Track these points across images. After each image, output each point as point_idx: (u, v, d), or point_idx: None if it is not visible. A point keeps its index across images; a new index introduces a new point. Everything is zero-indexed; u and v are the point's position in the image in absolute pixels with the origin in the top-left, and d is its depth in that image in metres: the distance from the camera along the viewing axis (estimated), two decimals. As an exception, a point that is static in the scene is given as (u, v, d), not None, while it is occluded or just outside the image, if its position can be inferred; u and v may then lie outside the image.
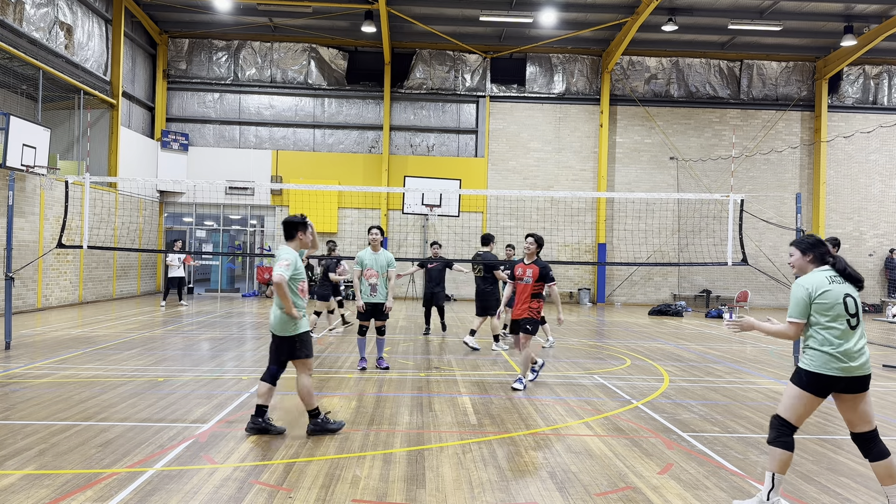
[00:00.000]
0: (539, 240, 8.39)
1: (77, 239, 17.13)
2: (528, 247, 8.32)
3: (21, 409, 6.63)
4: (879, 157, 24.87)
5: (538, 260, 8.33)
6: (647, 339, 13.86)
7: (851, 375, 4.15)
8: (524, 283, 8.25)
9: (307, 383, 5.94)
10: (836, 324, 4.16)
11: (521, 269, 8.34)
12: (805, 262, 4.39)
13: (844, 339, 4.15)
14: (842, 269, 4.30)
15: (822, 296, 4.18)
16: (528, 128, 24.61)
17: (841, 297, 4.19)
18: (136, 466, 4.97)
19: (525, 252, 8.40)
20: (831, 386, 4.18)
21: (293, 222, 6.05)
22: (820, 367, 4.15)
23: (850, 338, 4.16)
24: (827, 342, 4.15)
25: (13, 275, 10.59)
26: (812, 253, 4.37)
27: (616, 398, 7.80)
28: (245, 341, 12.05)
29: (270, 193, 23.72)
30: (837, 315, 4.16)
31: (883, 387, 8.99)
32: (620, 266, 24.69)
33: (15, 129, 14.30)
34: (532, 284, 8.17)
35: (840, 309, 4.17)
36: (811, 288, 4.21)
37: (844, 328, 4.16)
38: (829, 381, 4.16)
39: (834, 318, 4.16)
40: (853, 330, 4.18)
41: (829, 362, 4.14)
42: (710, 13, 21.79)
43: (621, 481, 4.93)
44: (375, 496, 4.53)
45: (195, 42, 24.14)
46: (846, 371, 4.13)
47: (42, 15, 16.93)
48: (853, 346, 4.16)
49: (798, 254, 4.42)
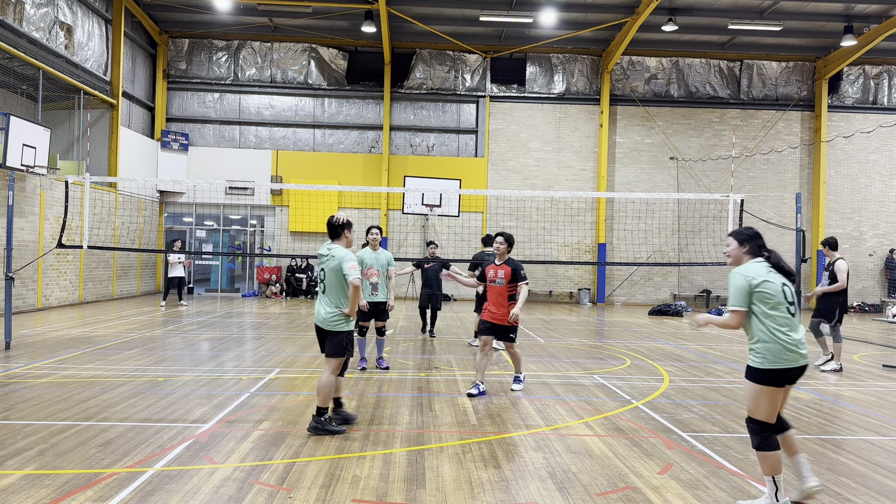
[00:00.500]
0: (509, 238, 7.94)
1: (77, 239, 17.13)
2: (498, 246, 7.87)
3: (21, 409, 6.64)
4: (879, 157, 24.87)
5: (510, 260, 7.91)
6: (647, 339, 13.86)
7: (800, 365, 4.27)
8: (497, 285, 7.81)
9: (330, 381, 6.00)
10: (778, 312, 4.27)
11: (493, 270, 7.89)
12: (741, 252, 4.50)
13: (789, 326, 4.26)
14: (776, 263, 4.42)
15: (762, 285, 4.28)
16: (528, 128, 24.61)
17: (780, 286, 4.31)
18: (136, 466, 4.97)
19: (496, 252, 7.94)
20: (787, 376, 4.27)
21: (339, 223, 6.23)
22: (774, 363, 4.23)
23: (794, 325, 4.29)
24: (777, 330, 4.23)
25: (13, 275, 10.59)
26: (749, 245, 4.49)
27: (616, 398, 7.80)
28: (245, 341, 12.05)
29: (270, 193, 23.73)
30: (778, 303, 4.27)
31: (883, 387, 8.99)
32: (620, 266, 24.69)
33: (15, 129, 14.30)
34: (507, 286, 7.77)
35: (780, 297, 4.28)
36: (750, 276, 4.31)
37: (786, 315, 4.27)
38: (785, 373, 4.26)
39: (775, 305, 4.27)
40: (793, 317, 4.30)
41: (782, 353, 4.23)
42: (710, 13, 21.79)
43: (621, 481, 4.93)
44: (375, 496, 4.53)
45: (195, 42, 24.15)
46: (797, 360, 4.25)
47: (42, 15, 16.93)
48: (798, 335, 4.29)
49: (735, 244, 4.54)
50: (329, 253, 6.12)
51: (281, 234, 23.88)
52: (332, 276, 6.05)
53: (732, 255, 4.55)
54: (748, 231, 4.57)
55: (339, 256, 6.02)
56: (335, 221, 6.23)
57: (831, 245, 10.28)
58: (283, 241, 23.87)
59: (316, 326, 6.19)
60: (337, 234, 6.23)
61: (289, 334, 13.06)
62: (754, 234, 4.54)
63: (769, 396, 4.28)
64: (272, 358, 10.10)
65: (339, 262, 6.00)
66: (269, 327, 14.22)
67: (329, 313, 6.04)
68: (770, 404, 4.28)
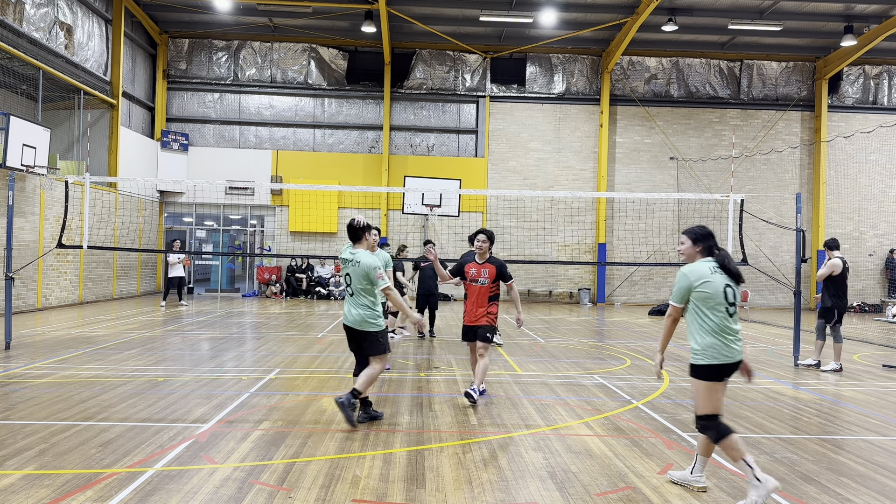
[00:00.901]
0: (491, 236, 7.52)
1: (77, 239, 17.13)
2: (481, 245, 7.46)
3: (21, 409, 6.64)
4: (879, 157, 24.87)
5: (492, 258, 7.52)
6: (647, 339, 13.87)
7: (735, 361, 4.51)
8: (480, 284, 7.42)
9: (376, 372, 6.33)
10: (716, 311, 4.49)
11: (475, 269, 7.46)
12: (694, 251, 4.71)
13: (727, 325, 4.49)
14: (722, 263, 4.60)
15: (703, 285, 4.51)
16: (528, 128, 24.61)
17: (721, 287, 4.51)
18: (136, 466, 4.97)
19: (477, 251, 7.51)
20: (726, 371, 4.51)
21: (361, 227, 6.44)
22: (712, 359, 4.47)
23: (731, 325, 4.51)
24: (715, 328, 4.48)
25: (13, 275, 10.60)
26: (702, 244, 4.69)
27: (616, 398, 7.80)
28: (245, 341, 12.05)
29: (270, 193, 23.73)
30: (718, 303, 4.50)
31: (883, 387, 8.99)
32: (620, 266, 24.69)
33: (15, 129, 14.30)
34: (489, 286, 7.41)
35: (720, 298, 4.50)
36: (693, 277, 4.55)
37: (724, 315, 4.50)
38: (723, 368, 4.50)
39: (714, 305, 4.50)
40: (731, 318, 4.52)
41: (720, 350, 4.47)
42: (710, 13, 21.79)
43: (621, 481, 4.93)
44: (375, 496, 4.53)
45: (195, 42, 24.15)
46: (733, 357, 4.49)
47: (42, 15, 16.93)
48: (734, 333, 4.52)
49: (689, 242, 4.73)
50: (353, 258, 6.32)
51: (281, 234, 23.89)
52: (359, 280, 6.27)
53: (686, 254, 4.74)
54: (702, 230, 4.73)
55: (365, 263, 6.24)
56: (356, 224, 6.42)
57: (829, 245, 10.37)
58: (283, 241, 23.88)
59: (347, 327, 6.41)
60: (358, 238, 6.43)
61: (289, 334, 13.06)
62: (707, 233, 4.71)
63: (714, 392, 4.52)
64: (272, 358, 10.10)
65: (364, 269, 6.23)
66: (269, 327, 14.22)
67: (360, 315, 6.28)
68: (714, 398, 4.52)
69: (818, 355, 10.33)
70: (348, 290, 6.36)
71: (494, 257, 7.56)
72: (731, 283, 4.55)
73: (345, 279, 6.41)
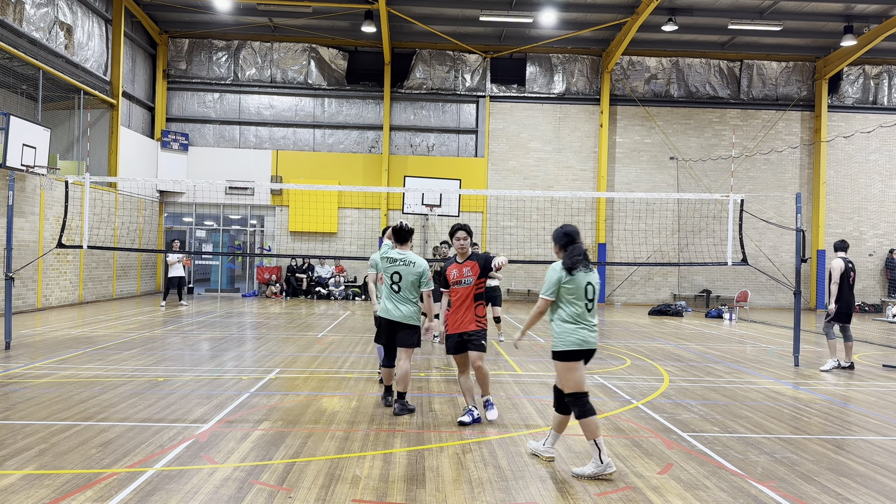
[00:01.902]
0: (469, 230, 6.81)
1: (77, 239, 17.13)
2: (462, 243, 6.69)
3: (21, 409, 6.64)
4: (879, 157, 24.87)
5: (474, 254, 6.72)
6: (647, 339, 13.86)
7: (590, 348, 5.14)
8: (464, 286, 6.59)
9: (408, 368, 6.82)
10: (577, 303, 5.14)
11: (457, 270, 6.64)
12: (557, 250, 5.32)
13: (583, 317, 5.14)
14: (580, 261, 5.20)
15: (570, 280, 5.14)
16: (528, 128, 24.61)
17: (584, 284, 5.16)
18: (136, 466, 4.97)
19: (458, 250, 6.75)
20: (582, 355, 5.12)
21: (408, 230, 7.03)
22: (569, 345, 5.09)
23: (588, 316, 5.15)
24: (573, 315, 5.13)
25: (13, 275, 10.59)
26: (557, 244, 5.30)
27: (616, 398, 7.80)
28: (245, 341, 12.04)
29: (270, 193, 23.72)
30: (578, 297, 5.14)
31: (883, 387, 8.99)
32: (620, 266, 24.69)
33: (15, 129, 14.29)
34: (474, 284, 6.61)
35: (581, 293, 5.15)
36: (562, 273, 5.15)
37: (583, 309, 5.15)
38: (579, 353, 5.11)
39: (574, 300, 5.14)
40: (589, 312, 5.18)
41: (575, 333, 5.09)
42: (710, 13, 21.79)
43: (621, 481, 4.93)
44: (375, 496, 4.53)
45: (195, 42, 24.14)
46: (587, 344, 5.12)
47: (42, 15, 16.93)
48: (590, 323, 5.17)
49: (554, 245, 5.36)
50: (404, 258, 6.82)
51: (281, 234, 23.88)
52: (409, 280, 6.79)
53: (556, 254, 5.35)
54: (557, 232, 5.33)
55: (419, 265, 6.81)
56: (405, 228, 7.00)
57: (834, 247, 10.38)
58: (283, 241, 23.87)
59: (386, 320, 6.83)
60: (405, 240, 6.98)
61: (289, 334, 13.06)
62: (562, 234, 5.28)
63: (575, 371, 5.10)
64: (272, 358, 10.10)
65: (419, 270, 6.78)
66: (269, 327, 14.22)
67: (408, 311, 6.77)
68: (576, 377, 5.11)
69: (834, 354, 10.25)
70: (393, 287, 6.80)
71: (476, 253, 6.79)
72: (592, 282, 5.18)
73: (393, 277, 6.83)
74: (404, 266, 6.79)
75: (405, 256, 6.83)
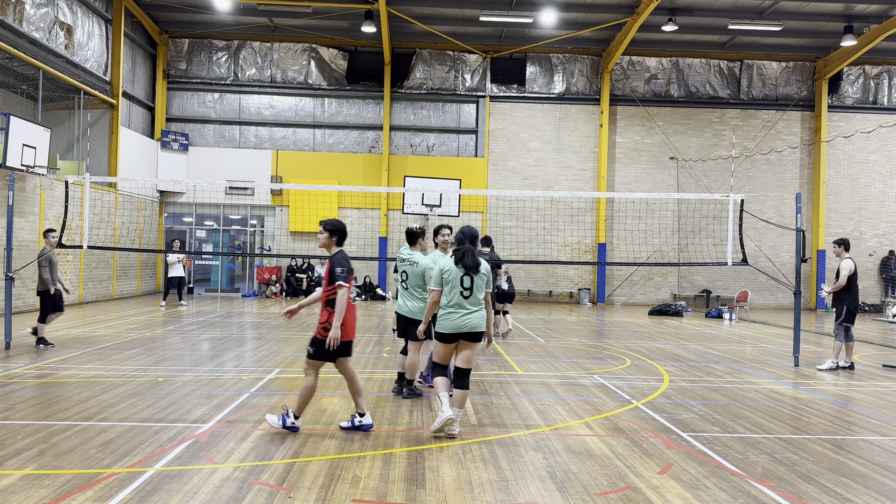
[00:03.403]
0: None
1: (77, 239, 17.12)
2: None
3: (21, 409, 6.63)
4: (879, 157, 24.87)
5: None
6: (647, 339, 13.86)
7: (463, 332, 5.93)
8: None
9: (416, 359, 7.44)
10: (454, 293, 5.94)
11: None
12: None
13: (459, 304, 5.93)
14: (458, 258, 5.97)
15: (447, 272, 6.01)
16: (528, 128, 24.61)
17: (459, 275, 5.97)
18: (136, 466, 4.97)
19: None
20: (454, 338, 5.98)
21: (415, 231, 7.63)
22: (445, 329, 5.97)
23: (464, 305, 5.93)
24: (450, 302, 5.94)
25: (13, 275, 10.60)
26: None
27: (616, 398, 7.80)
28: (245, 341, 12.05)
29: (270, 193, 23.72)
30: (454, 287, 5.95)
31: (883, 387, 8.99)
32: (620, 266, 24.68)
33: (15, 129, 14.29)
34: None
35: (457, 283, 5.95)
36: (443, 266, 6.06)
37: (459, 298, 5.93)
38: (452, 336, 5.97)
39: (451, 288, 5.95)
40: (466, 300, 5.94)
41: (449, 319, 5.92)
42: (710, 13, 21.79)
43: (621, 481, 4.93)
44: (375, 496, 4.53)
45: (195, 42, 24.14)
46: (460, 329, 5.92)
47: (42, 15, 16.93)
48: (466, 310, 5.93)
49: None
50: (410, 258, 7.45)
51: (281, 234, 23.88)
52: (415, 278, 7.41)
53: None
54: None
55: (422, 265, 7.36)
56: (413, 230, 7.62)
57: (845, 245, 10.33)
58: (283, 241, 23.87)
59: (399, 315, 7.58)
60: (413, 241, 7.57)
61: (289, 334, 13.06)
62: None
63: (444, 349, 6.05)
64: (272, 358, 10.10)
65: (422, 270, 7.35)
66: (269, 327, 14.22)
67: (416, 307, 7.39)
68: (444, 352, 6.07)
69: (838, 355, 10.24)
70: (403, 284, 7.51)
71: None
72: (468, 274, 5.94)
73: (401, 275, 7.51)
74: (409, 265, 7.45)
75: (411, 256, 7.46)
